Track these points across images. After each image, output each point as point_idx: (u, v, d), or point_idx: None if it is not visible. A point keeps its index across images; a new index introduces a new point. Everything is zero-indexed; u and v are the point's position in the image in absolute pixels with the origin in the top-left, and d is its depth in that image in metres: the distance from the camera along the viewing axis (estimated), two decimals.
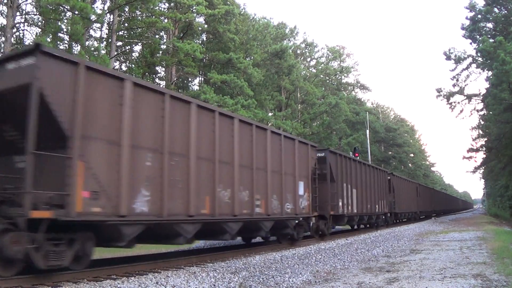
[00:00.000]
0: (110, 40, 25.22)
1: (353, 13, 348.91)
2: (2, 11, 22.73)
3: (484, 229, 20.78)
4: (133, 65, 28.44)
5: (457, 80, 33.84)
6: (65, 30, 23.86)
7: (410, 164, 73.49)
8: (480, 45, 26.93)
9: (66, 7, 19.49)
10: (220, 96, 25.58)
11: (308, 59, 50.24)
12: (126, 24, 27.43)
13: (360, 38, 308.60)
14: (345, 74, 53.82)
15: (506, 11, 29.54)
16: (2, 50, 19.22)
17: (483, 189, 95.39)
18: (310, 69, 49.29)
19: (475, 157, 38.82)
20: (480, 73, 32.97)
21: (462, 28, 31.06)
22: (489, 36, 29.01)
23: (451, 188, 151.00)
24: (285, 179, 12.18)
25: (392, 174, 26.64)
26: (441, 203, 53.08)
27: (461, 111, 35.47)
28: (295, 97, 40.97)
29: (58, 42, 24.18)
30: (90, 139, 6.56)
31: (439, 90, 34.85)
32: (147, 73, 28.49)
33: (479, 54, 29.14)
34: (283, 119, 33.74)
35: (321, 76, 49.15)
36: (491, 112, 32.15)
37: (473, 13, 30.09)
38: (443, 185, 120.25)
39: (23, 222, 5.85)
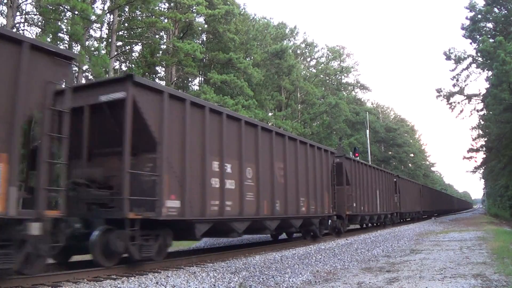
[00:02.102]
0: (110, 40, 25.21)
1: (353, 13, 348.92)
2: (2, 11, 22.73)
3: (484, 229, 20.77)
4: (133, 65, 28.44)
5: (457, 80, 33.85)
6: (65, 30, 23.86)
7: (410, 164, 73.49)
8: (480, 45, 26.92)
9: (66, 7, 19.50)
10: (220, 96, 25.58)
11: (308, 59, 50.27)
12: (126, 24, 27.43)
13: (360, 38, 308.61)
14: (345, 74, 53.85)
15: (506, 11, 29.52)
16: None
17: (483, 189, 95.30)
18: (310, 69, 49.30)
19: (475, 157, 38.81)
20: (480, 73, 32.99)
21: (462, 28, 31.06)
22: (489, 36, 28.99)
23: (451, 188, 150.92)
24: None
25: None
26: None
27: (461, 111, 35.49)
28: (295, 97, 40.96)
29: (58, 42, 24.17)
30: None
31: (439, 90, 34.86)
32: (147, 73, 28.49)
33: (479, 54, 29.13)
34: (283, 119, 33.75)
35: (321, 76, 49.12)
36: (491, 112, 32.13)
37: (473, 13, 30.08)
38: (443, 185, 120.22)
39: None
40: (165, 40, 28.78)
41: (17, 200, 5.82)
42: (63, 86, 6.65)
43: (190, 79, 34.56)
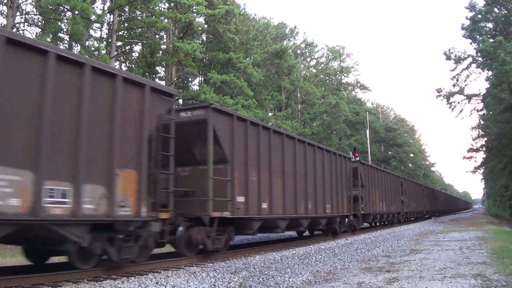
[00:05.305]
0: (110, 40, 25.20)
1: (353, 13, 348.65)
2: (2, 11, 22.72)
3: (484, 229, 20.78)
4: (133, 65, 28.42)
5: (457, 80, 33.83)
6: (65, 30, 23.86)
7: (410, 164, 73.45)
8: (480, 45, 26.90)
9: (66, 7, 19.49)
10: (220, 96, 25.56)
11: (308, 59, 50.23)
12: (126, 24, 27.40)
13: (360, 38, 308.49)
14: (345, 74, 53.79)
15: (506, 11, 29.51)
16: None
17: (483, 189, 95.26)
18: (310, 69, 49.25)
19: (475, 157, 38.81)
20: (480, 73, 32.99)
21: (462, 28, 31.04)
22: (489, 36, 28.97)
23: (451, 188, 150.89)
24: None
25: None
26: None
27: (461, 111, 35.49)
28: (295, 97, 40.94)
29: (58, 42, 24.16)
30: None
31: (439, 90, 34.85)
32: (147, 73, 28.47)
33: (479, 54, 29.11)
34: (283, 119, 33.71)
35: (321, 76, 49.08)
36: (491, 112, 32.14)
37: (473, 13, 30.06)
38: (443, 185, 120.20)
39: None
40: (165, 40, 28.75)
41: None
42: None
43: (190, 79, 34.56)
